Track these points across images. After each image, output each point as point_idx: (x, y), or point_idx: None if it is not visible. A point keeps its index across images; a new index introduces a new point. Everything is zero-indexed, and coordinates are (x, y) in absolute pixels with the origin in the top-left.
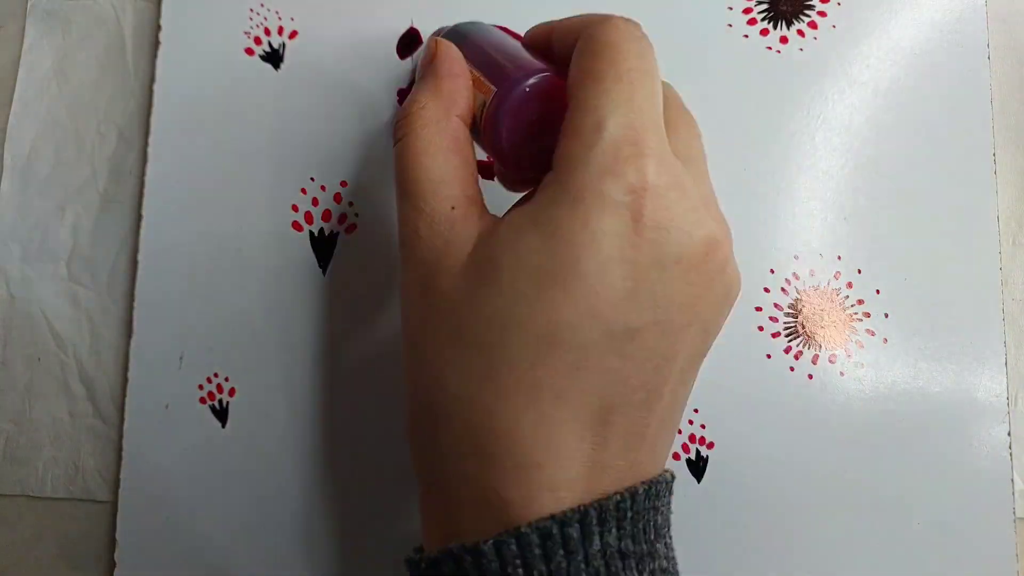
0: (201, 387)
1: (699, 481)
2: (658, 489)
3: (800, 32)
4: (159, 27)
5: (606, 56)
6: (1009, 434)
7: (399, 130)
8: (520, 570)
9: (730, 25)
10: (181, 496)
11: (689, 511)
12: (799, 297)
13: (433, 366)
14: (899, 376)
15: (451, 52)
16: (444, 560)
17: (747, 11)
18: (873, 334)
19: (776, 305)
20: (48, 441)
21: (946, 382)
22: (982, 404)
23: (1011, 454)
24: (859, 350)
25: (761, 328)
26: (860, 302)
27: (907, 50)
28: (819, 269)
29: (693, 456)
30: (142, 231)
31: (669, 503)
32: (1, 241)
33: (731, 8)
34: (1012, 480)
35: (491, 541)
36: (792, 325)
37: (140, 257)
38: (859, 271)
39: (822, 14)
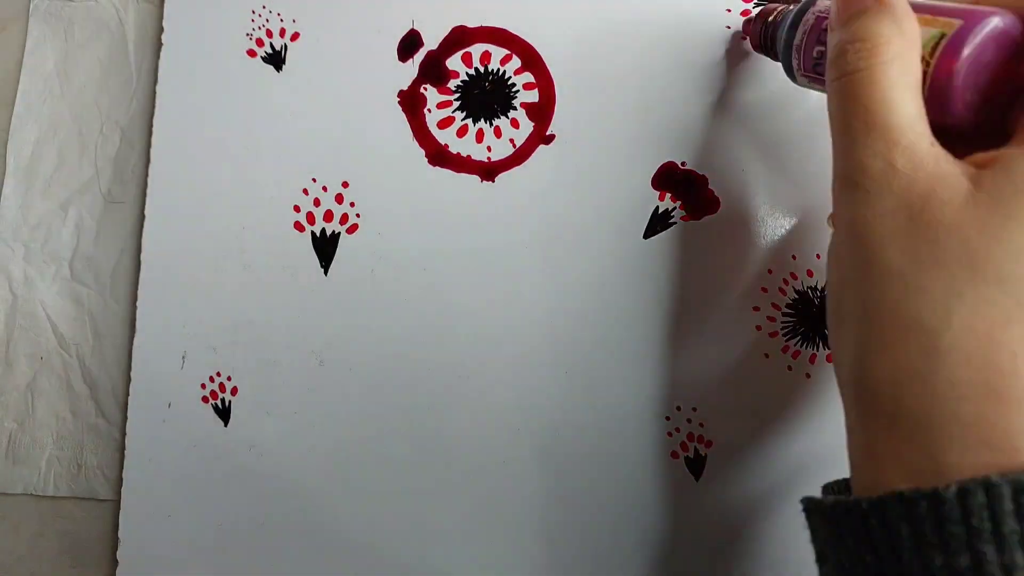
0: (203, 386)
1: (697, 479)
2: None
3: None
4: (161, 28)
5: None
6: None
7: (860, 60)
8: (987, 523)
9: (728, 27)
10: (183, 495)
11: (687, 509)
12: (797, 297)
13: (933, 297)
14: None
15: None
16: (889, 502)
17: (745, 13)
18: None
19: (774, 305)
20: (51, 440)
21: None
22: None
23: None
24: None
25: (759, 327)
26: None
27: None
28: (817, 269)
29: (691, 455)
30: (144, 231)
31: None
32: (4, 241)
33: (729, 10)
34: None
35: (954, 486)
36: (790, 324)
37: (143, 257)
38: None
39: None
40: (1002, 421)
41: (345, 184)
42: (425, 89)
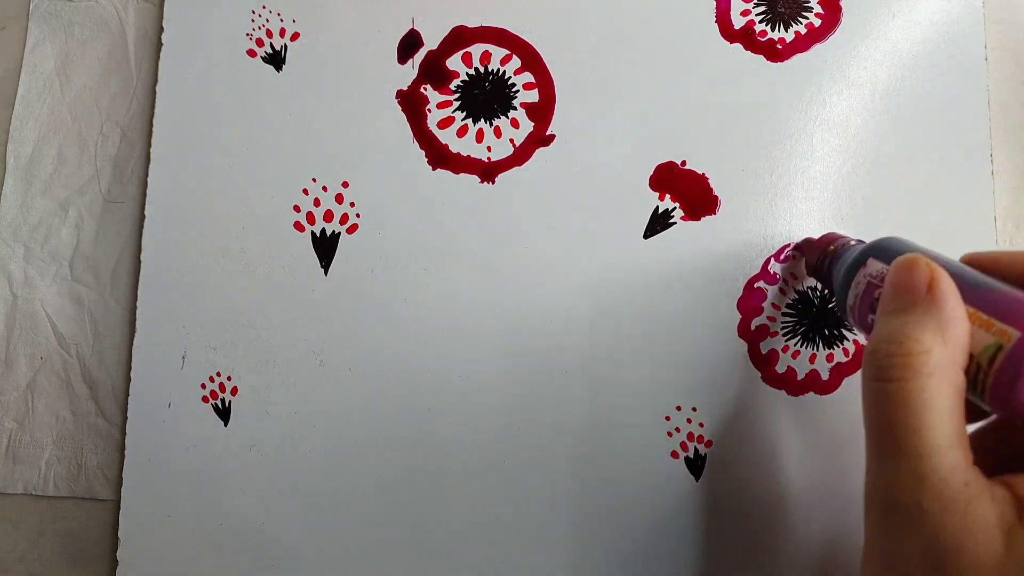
0: (203, 386)
1: (697, 479)
2: None
3: (798, 34)
4: (162, 28)
5: None
6: None
7: (894, 370)
8: None
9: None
10: (183, 494)
11: (687, 509)
12: (797, 297)
13: None
14: None
15: (953, 288)
16: None
17: (745, 13)
18: None
19: (775, 305)
20: (51, 440)
21: None
22: None
23: None
24: (857, 349)
25: (760, 328)
26: None
27: (905, 52)
28: None
29: (691, 454)
30: (144, 231)
31: None
32: (4, 241)
33: (729, 9)
34: None
35: None
36: (790, 324)
37: (143, 257)
38: None
39: (820, 16)
40: None
41: (345, 184)
42: (425, 89)
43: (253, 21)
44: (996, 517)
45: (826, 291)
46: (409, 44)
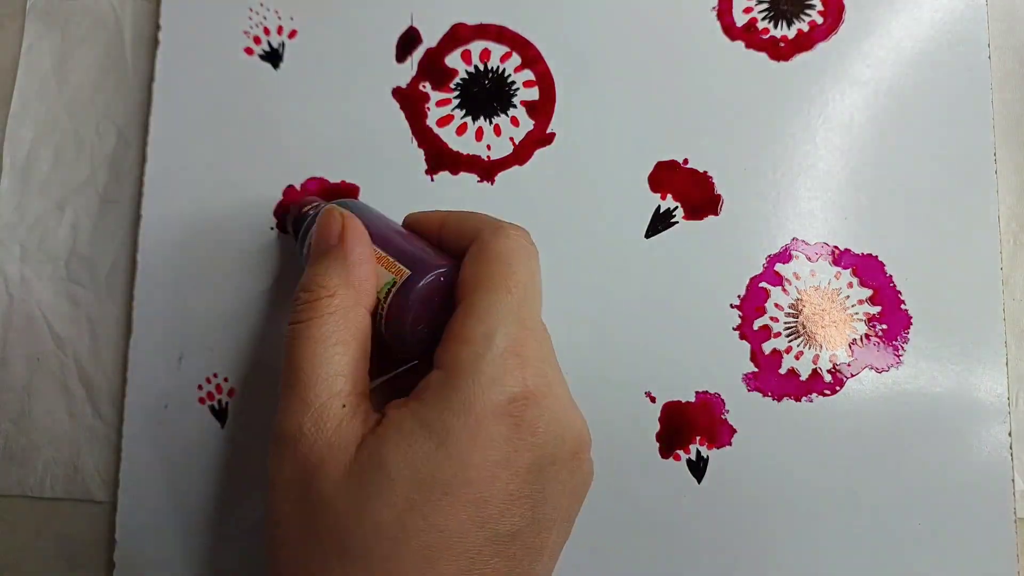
0: (200, 387)
1: (700, 481)
2: None
3: (800, 31)
4: (158, 26)
5: (498, 268)
6: (1009, 434)
7: (302, 312)
8: None
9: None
10: (180, 496)
11: (690, 512)
12: (800, 297)
13: (291, 561)
14: (899, 376)
15: (362, 234)
16: None
17: (748, 10)
18: (873, 334)
19: (777, 305)
20: (47, 441)
21: (946, 382)
22: (982, 404)
23: (1011, 454)
24: (859, 350)
25: (761, 328)
26: (861, 302)
27: (908, 49)
28: (819, 269)
29: (693, 456)
30: (141, 230)
31: None
32: (0, 241)
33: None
34: (1012, 480)
35: None
36: (793, 325)
37: (139, 257)
38: (859, 271)
39: (822, 14)
40: None
41: (344, 183)
42: (424, 87)
43: (251, 18)
44: (357, 433)
45: None
46: (408, 42)
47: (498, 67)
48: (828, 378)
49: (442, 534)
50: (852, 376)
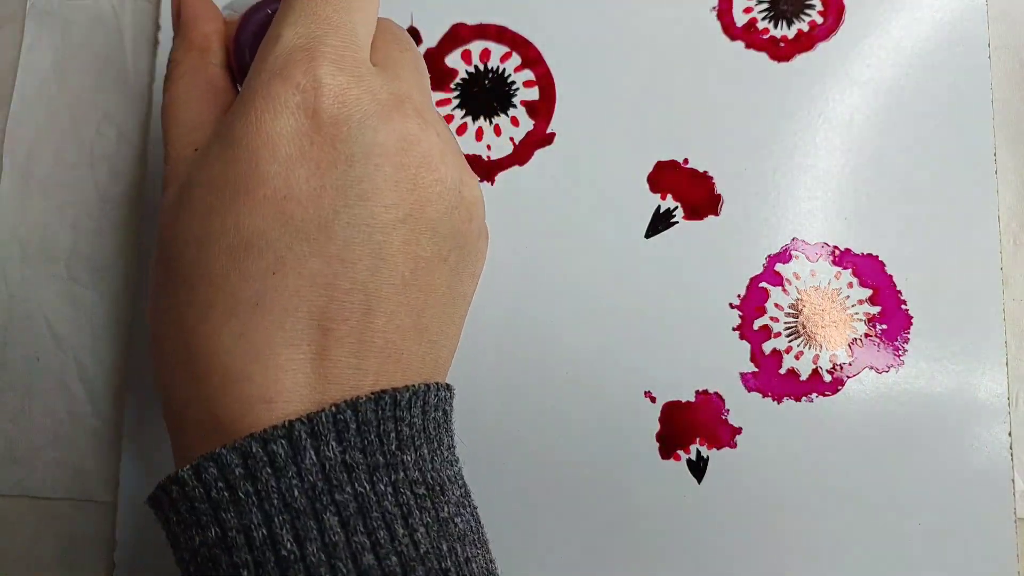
0: None
1: (700, 481)
2: (400, 398)
3: (800, 31)
4: (158, 26)
5: None
6: (1009, 434)
7: (164, 86)
8: (225, 492)
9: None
10: None
11: (690, 512)
12: (800, 297)
13: (152, 299)
14: (899, 376)
15: (195, 4)
16: (159, 496)
17: (747, 10)
18: (873, 334)
19: (777, 305)
20: (47, 441)
21: (946, 382)
22: (982, 404)
23: (1011, 454)
24: (859, 350)
25: (762, 328)
26: (861, 302)
27: (908, 49)
28: (819, 269)
29: (694, 456)
30: (141, 231)
31: (434, 414)
32: (1, 241)
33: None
34: (1012, 480)
35: (189, 467)
36: (792, 325)
37: (139, 257)
38: (859, 271)
39: (823, 14)
40: (206, 399)
41: None
42: None
43: None
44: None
45: None
46: None
47: (498, 67)
48: (828, 378)
49: (243, 232)
50: (852, 376)
